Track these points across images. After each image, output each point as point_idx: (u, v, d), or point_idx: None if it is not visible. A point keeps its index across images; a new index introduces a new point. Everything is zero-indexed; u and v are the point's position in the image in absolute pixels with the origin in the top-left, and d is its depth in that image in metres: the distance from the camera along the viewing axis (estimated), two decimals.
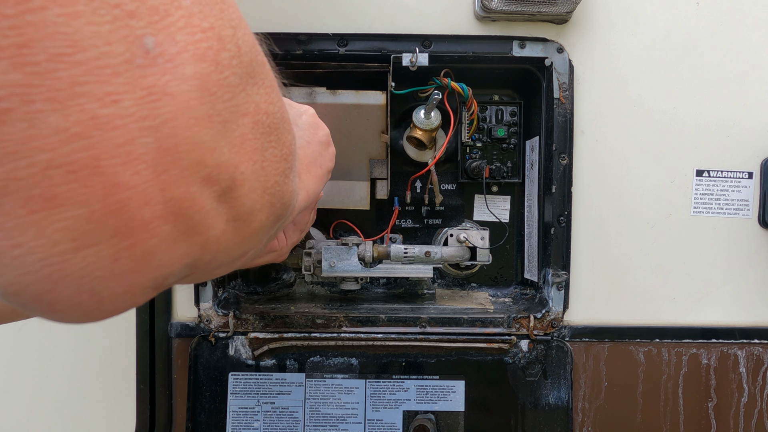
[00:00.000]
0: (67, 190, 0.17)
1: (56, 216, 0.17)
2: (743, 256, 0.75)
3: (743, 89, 0.73)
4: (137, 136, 0.18)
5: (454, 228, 0.82)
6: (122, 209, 0.18)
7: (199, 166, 0.20)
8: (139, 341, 0.74)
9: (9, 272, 0.17)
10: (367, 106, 0.69)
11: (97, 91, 0.17)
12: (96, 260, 0.18)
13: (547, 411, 0.74)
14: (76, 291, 0.19)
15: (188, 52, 0.19)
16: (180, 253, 0.21)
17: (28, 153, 0.16)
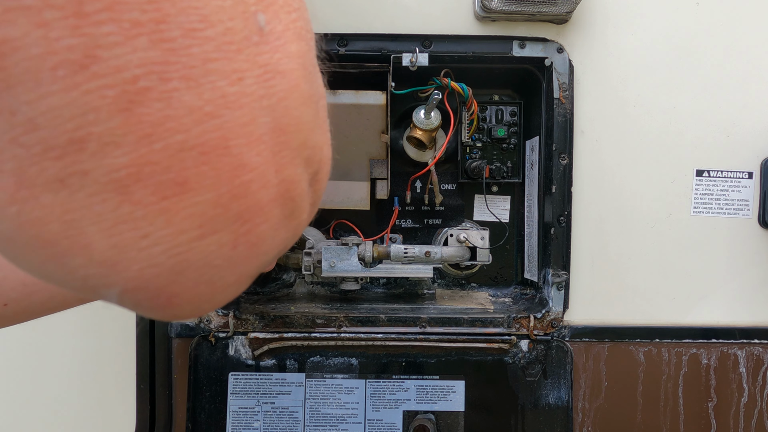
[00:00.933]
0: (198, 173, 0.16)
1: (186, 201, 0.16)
2: (743, 256, 0.75)
3: (743, 89, 0.73)
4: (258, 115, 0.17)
5: (454, 228, 0.82)
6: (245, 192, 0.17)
7: (303, 147, 0.20)
8: (139, 341, 0.74)
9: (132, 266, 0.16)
10: (367, 106, 0.69)
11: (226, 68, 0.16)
12: (217, 248, 0.18)
13: (547, 411, 0.74)
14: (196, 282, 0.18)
15: (290, 30, 0.19)
16: (281, 237, 0.20)
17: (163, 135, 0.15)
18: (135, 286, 0.17)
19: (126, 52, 0.14)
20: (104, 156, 0.15)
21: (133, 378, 0.74)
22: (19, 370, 0.75)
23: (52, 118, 0.14)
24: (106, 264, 0.16)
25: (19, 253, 0.16)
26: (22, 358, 0.75)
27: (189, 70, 0.15)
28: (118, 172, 0.15)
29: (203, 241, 0.17)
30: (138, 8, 0.14)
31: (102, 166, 0.15)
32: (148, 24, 0.14)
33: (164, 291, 0.18)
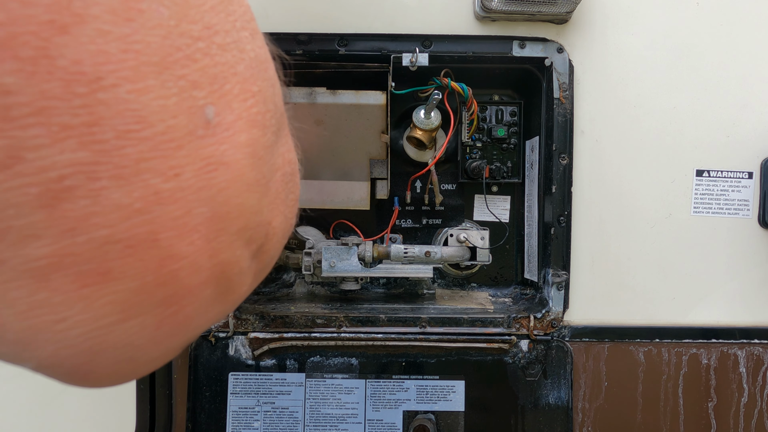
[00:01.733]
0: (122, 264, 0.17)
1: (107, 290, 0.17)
2: (743, 256, 0.75)
3: (743, 89, 0.73)
4: (194, 207, 0.18)
5: (454, 228, 0.82)
6: (173, 279, 0.18)
7: (244, 230, 0.20)
8: None
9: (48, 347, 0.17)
10: (367, 106, 0.69)
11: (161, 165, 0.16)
12: (139, 330, 0.18)
13: (547, 411, 0.74)
14: (115, 360, 0.19)
15: (242, 119, 0.19)
16: (216, 312, 0.21)
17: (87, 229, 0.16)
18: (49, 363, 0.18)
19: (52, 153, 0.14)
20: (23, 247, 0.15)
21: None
22: (19, 370, 0.75)
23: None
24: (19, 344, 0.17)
25: None
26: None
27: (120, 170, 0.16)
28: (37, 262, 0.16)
29: (124, 324, 0.18)
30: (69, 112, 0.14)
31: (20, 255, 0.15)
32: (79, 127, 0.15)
33: (80, 369, 0.18)
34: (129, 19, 0.15)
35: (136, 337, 0.18)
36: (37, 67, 0.14)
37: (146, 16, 0.15)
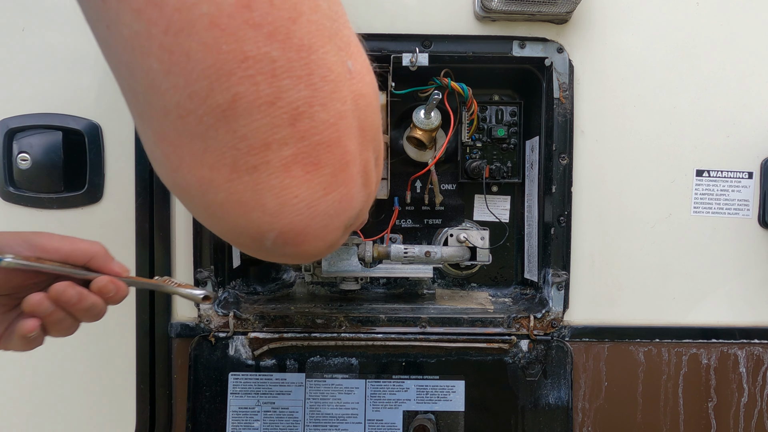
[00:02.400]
0: (326, 157, 0.27)
1: (319, 173, 0.27)
2: (743, 256, 0.75)
3: (743, 89, 0.73)
4: (353, 122, 0.28)
5: (454, 228, 0.82)
6: (347, 167, 0.28)
7: (372, 140, 0.31)
8: (139, 341, 0.74)
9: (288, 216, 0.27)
10: None
11: (340, 96, 0.27)
12: (332, 203, 0.28)
13: (547, 411, 0.74)
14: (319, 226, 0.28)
15: (364, 67, 0.30)
16: (361, 198, 0.31)
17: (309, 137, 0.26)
18: (287, 229, 0.28)
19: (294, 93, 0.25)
20: (279, 151, 0.26)
21: (133, 378, 0.74)
22: (19, 371, 0.75)
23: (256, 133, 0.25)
24: (273, 214, 0.27)
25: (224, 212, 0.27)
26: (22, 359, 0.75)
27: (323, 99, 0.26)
28: (286, 159, 0.26)
29: (325, 198, 0.28)
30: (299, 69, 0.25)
31: (278, 157, 0.26)
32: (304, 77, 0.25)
33: (303, 231, 0.28)
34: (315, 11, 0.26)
35: (330, 208, 0.28)
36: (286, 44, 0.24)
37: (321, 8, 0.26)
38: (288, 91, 0.24)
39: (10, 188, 0.72)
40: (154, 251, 0.74)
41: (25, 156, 0.71)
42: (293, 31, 0.24)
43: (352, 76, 0.28)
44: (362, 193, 0.30)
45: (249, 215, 0.26)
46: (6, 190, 0.72)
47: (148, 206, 0.73)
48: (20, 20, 0.71)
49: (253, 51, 0.23)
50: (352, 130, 0.28)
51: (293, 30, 0.24)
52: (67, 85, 0.72)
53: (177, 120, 0.24)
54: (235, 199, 0.26)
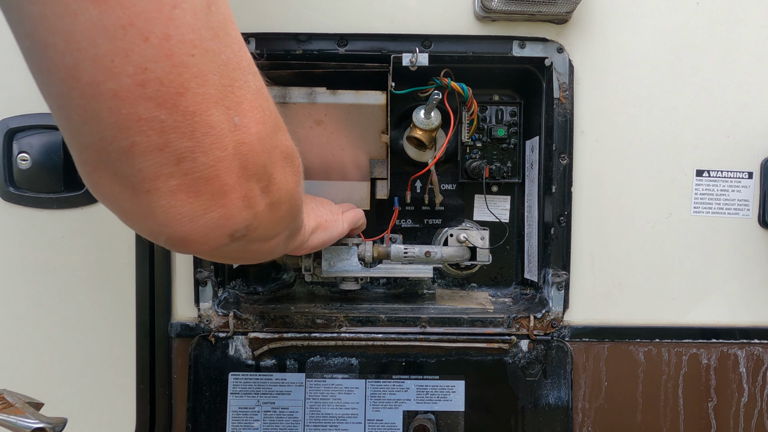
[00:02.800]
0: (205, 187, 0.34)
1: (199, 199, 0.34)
2: (743, 256, 0.75)
3: (743, 89, 0.73)
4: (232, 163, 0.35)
5: (454, 228, 0.82)
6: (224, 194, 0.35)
7: (255, 175, 0.37)
8: (139, 341, 0.74)
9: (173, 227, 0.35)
10: (367, 106, 0.69)
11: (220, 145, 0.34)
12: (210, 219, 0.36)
13: (547, 411, 0.74)
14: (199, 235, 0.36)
15: (252, 121, 0.36)
16: (243, 216, 0.38)
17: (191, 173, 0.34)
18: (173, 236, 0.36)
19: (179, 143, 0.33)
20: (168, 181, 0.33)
21: (133, 378, 0.74)
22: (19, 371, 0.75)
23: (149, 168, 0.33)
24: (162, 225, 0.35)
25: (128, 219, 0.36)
26: (22, 359, 0.75)
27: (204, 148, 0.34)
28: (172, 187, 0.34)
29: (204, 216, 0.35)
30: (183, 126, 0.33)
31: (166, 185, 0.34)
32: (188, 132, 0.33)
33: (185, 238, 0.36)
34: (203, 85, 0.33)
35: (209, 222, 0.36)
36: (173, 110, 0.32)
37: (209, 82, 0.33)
38: (174, 142, 0.32)
39: (10, 188, 0.72)
40: (153, 252, 0.74)
41: (25, 156, 0.71)
42: (180, 101, 0.31)
43: (238, 129, 0.35)
44: (244, 213, 0.38)
45: (146, 222, 0.35)
46: (6, 190, 0.72)
47: None
48: None
49: (146, 114, 0.30)
50: (232, 168, 0.35)
51: (180, 101, 0.31)
52: None
53: (94, 153, 0.32)
54: (136, 210, 0.34)
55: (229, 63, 0.34)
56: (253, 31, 0.70)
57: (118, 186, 0.33)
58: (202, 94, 0.32)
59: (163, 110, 0.31)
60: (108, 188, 0.34)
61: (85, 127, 0.31)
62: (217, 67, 0.33)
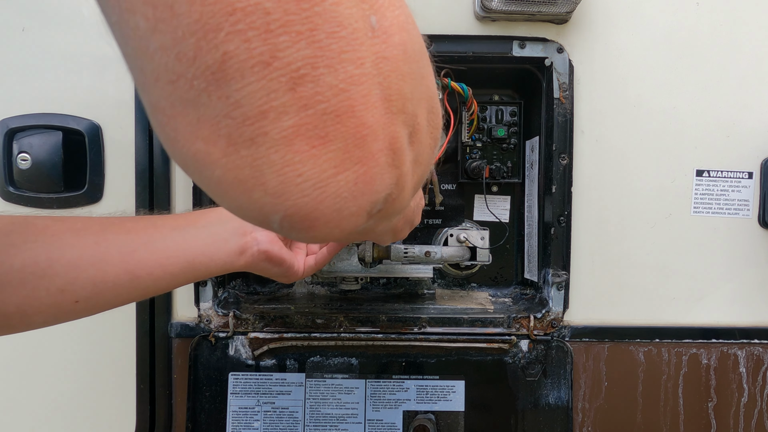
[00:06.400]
0: (334, 130, 0.24)
1: (326, 149, 0.24)
2: (743, 256, 0.75)
3: (743, 89, 0.73)
4: (373, 88, 0.24)
5: (454, 228, 0.82)
6: (363, 142, 0.25)
7: (402, 112, 0.27)
8: (139, 341, 0.74)
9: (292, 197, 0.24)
10: None
11: (353, 56, 0.23)
12: (344, 184, 0.25)
13: (547, 411, 0.74)
14: (330, 209, 0.25)
15: (394, 25, 0.26)
16: (388, 181, 0.27)
17: (314, 104, 0.23)
18: (293, 212, 0.25)
19: (293, 51, 0.22)
20: (279, 121, 0.22)
21: (133, 378, 0.74)
22: (19, 371, 0.75)
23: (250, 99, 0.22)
24: (275, 195, 0.24)
25: (224, 190, 0.25)
26: (22, 359, 0.75)
27: (330, 60, 0.23)
28: (286, 131, 0.23)
29: (336, 177, 0.24)
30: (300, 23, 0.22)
31: (277, 128, 0.23)
32: (306, 32, 0.22)
33: (310, 215, 0.25)
34: None
35: (342, 190, 0.25)
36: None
37: None
38: (285, 49, 0.22)
39: (10, 188, 0.72)
40: None
41: (25, 156, 0.71)
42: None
43: (375, 35, 0.24)
44: (389, 174, 0.27)
45: (250, 194, 0.24)
46: (6, 190, 0.72)
47: (148, 206, 0.73)
48: (20, 20, 0.71)
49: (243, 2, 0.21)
50: (372, 98, 0.24)
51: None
52: (67, 85, 0.72)
53: (168, 86, 0.22)
54: (234, 176, 0.24)
55: None
56: None
57: (204, 140, 0.23)
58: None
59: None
60: (190, 146, 0.24)
61: (155, 39, 0.21)
62: None
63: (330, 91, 0.23)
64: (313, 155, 0.23)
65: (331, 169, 0.24)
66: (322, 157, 0.23)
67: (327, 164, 0.24)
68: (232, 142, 0.23)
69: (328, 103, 0.23)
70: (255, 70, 0.21)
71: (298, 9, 0.21)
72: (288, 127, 0.22)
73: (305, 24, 0.22)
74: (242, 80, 0.21)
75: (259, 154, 0.23)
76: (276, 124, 0.22)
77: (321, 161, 0.23)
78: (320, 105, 0.23)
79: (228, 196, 0.25)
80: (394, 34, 0.25)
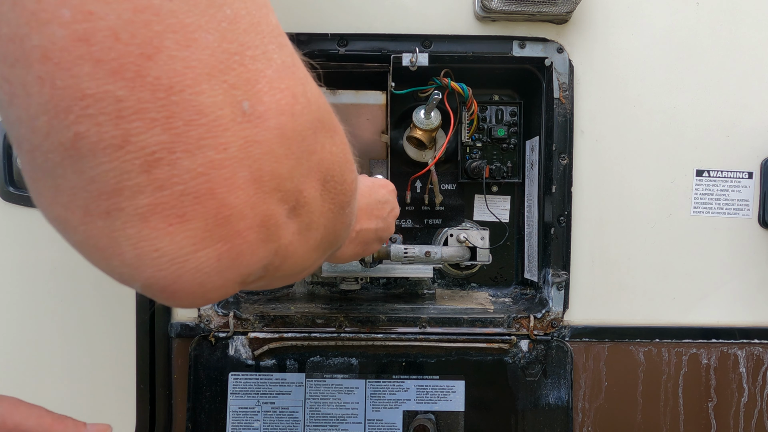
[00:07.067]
0: (193, 210, 0.24)
1: (185, 227, 0.24)
2: (743, 256, 0.75)
3: (743, 89, 0.73)
4: (238, 171, 0.25)
5: (454, 228, 0.82)
6: (226, 222, 0.25)
7: (276, 191, 0.27)
8: (139, 341, 0.74)
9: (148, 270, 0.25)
10: (367, 106, 0.69)
11: (215, 142, 0.24)
12: (206, 260, 0.25)
13: (547, 411, 0.74)
14: (191, 283, 0.26)
15: (271, 110, 0.26)
16: (260, 255, 0.28)
17: (170, 186, 0.23)
18: (151, 283, 0.25)
19: (147, 137, 0.22)
20: (134, 199, 0.23)
21: (133, 378, 0.74)
22: (19, 371, 0.75)
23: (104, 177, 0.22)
24: (132, 266, 0.25)
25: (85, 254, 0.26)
26: (22, 359, 0.75)
27: (188, 145, 0.23)
28: (142, 209, 0.23)
29: (196, 254, 0.25)
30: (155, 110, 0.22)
31: (132, 205, 0.23)
32: (161, 119, 0.22)
33: (169, 288, 0.26)
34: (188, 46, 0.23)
35: (204, 266, 0.25)
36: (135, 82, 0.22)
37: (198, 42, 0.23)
38: (139, 134, 0.22)
39: (10, 188, 0.72)
40: None
41: None
42: (147, 68, 0.22)
43: (247, 119, 0.25)
44: (262, 248, 0.27)
45: (108, 262, 0.25)
46: (6, 190, 0.72)
47: None
48: None
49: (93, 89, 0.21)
50: (237, 180, 0.25)
51: (147, 67, 0.22)
52: None
53: (27, 154, 0.23)
54: (92, 243, 0.24)
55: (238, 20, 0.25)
56: None
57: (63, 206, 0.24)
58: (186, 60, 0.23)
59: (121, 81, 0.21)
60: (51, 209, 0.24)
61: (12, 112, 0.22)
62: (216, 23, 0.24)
63: (188, 174, 0.23)
64: (170, 232, 0.24)
65: (190, 246, 0.25)
66: (180, 235, 0.24)
67: (185, 241, 0.24)
68: (88, 213, 0.23)
69: (185, 185, 0.24)
70: (107, 152, 0.22)
71: (153, 98, 0.22)
72: (143, 205, 0.23)
73: (161, 111, 0.22)
74: (95, 159, 0.22)
75: (115, 226, 0.23)
76: (131, 202, 0.23)
77: (179, 238, 0.24)
78: (177, 187, 0.23)
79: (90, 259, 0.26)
80: (269, 118, 0.26)
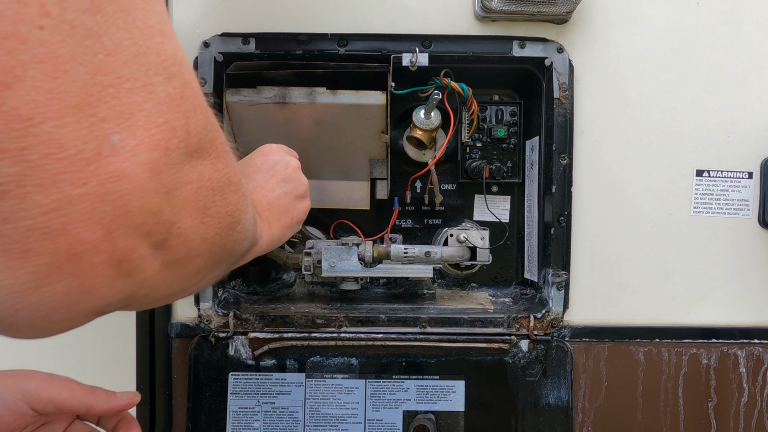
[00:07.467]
0: (40, 246, 0.23)
1: (27, 263, 0.23)
2: (743, 256, 0.75)
3: (743, 89, 0.73)
4: (98, 207, 0.24)
5: (454, 228, 0.82)
6: (78, 258, 0.24)
7: (141, 226, 0.26)
8: (139, 341, 0.74)
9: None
10: (367, 106, 0.69)
11: (73, 177, 0.23)
12: (51, 295, 0.24)
13: (547, 411, 0.74)
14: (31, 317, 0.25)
15: (144, 144, 0.25)
16: (118, 288, 0.27)
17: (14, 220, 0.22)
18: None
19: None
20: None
21: (133, 378, 0.74)
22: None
23: None
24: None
25: None
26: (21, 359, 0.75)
27: (41, 179, 0.22)
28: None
29: (40, 289, 0.24)
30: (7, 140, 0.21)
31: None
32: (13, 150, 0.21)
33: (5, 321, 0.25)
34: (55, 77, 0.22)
35: (49, 300, 0.24)
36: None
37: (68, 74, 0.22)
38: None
39: None
40: None
41: None
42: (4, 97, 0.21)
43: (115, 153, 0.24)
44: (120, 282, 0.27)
45: None
46: None
47: None
48: None
49: None
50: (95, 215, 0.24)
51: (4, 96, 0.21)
52: None
53: None
54: None
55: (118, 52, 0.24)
56: (253, 31, 0.70)
57: None
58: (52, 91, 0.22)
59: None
60: None
61: None
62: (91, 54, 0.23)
63: (37, 209, 0.22)
64: (10, 267, 0.23)
65: (32, 281, 0.24)
66: (21, 270, 0.23)
67: (27, 277, 0.24)
68: None
69: (33, 220, 0.23)
70: None
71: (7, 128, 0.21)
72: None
73: (15, 143, 0.21)
74: None
75: None
76: None
77: (19, 273, 0.23)
78: (23, 222, 0.22)
79: None
80: (141, 152, 0.25)
